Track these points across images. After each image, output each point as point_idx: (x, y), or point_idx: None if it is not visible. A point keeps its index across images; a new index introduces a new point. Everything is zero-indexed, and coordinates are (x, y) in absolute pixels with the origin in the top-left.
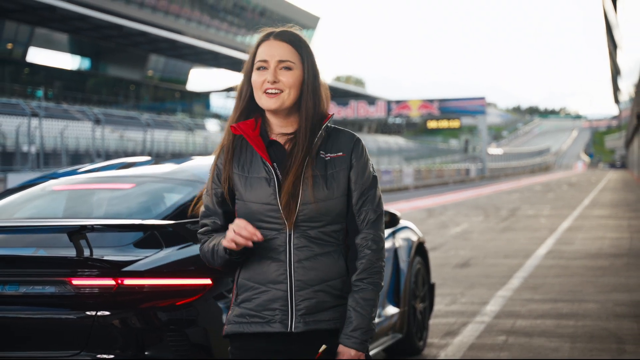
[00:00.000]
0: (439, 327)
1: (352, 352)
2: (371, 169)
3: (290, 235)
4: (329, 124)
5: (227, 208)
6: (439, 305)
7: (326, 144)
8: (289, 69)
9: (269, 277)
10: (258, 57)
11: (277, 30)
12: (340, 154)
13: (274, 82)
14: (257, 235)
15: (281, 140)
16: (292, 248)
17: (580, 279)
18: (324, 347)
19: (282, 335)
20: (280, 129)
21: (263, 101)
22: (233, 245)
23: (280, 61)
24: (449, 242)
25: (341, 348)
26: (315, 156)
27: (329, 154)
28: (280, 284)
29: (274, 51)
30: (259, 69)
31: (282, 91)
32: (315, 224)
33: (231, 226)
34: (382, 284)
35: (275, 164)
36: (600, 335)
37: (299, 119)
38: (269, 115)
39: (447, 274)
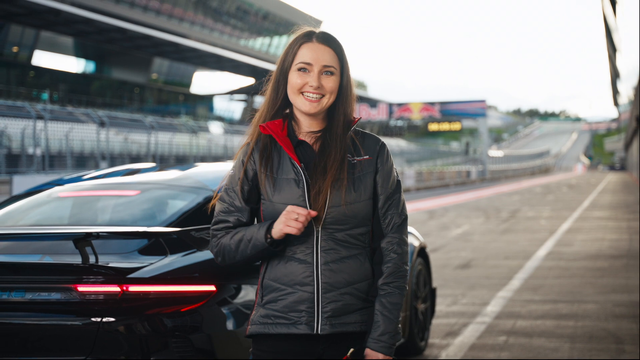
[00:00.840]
0: (440, 327)
1: (380, 356)
2: (395, 174)
3: (317, 237)
4: (355, 127)
5: (254, 205)
6: (440, 305)
7: (353, 147)
8: (331, 74)
9: (295, 278)
10: (300, 59)
11: (317, 31)
12: (367, 157)
13: (318, 87)
14: (311, 213)
15: (308, 139)
16: (319, 250)
17: (579, 280)
18: (351, 350)
19: (307, 337)
20: (308, 128)
21: (300, 103)
22: (294, 231)
23: (325, 66)
24: (450, 244)
25: (369, 352)
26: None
27: (355, 157)
28: (307, 285)
29: (319, 55)
30: (300, 70)
31: (323, 96)
32: (342, 227)
33: (284, 215)
34: (407, 287)
35: (303, 164)
36: (600, 336)
37: (333, 122)
38: (299, 115)
39: (448, 275)
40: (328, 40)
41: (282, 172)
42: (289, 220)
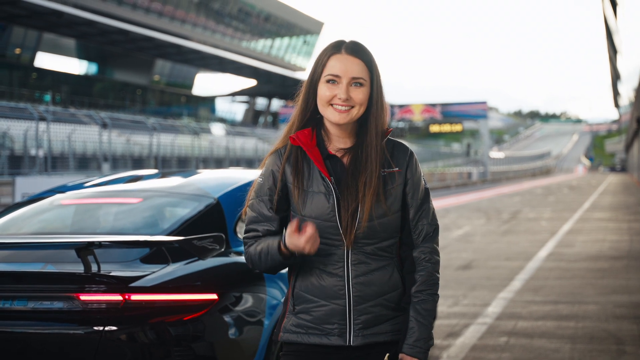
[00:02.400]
0: (442, 328)
1: None
2: (424, 182)
3: (347, 251)
4: (389, 137)
5: (283, 213)
6: (442, 307)
7: (384, 159)
8: (360, 85)
9: (327, 291)
10: (329, 71)
11: (347, 42)
12: (397, 169)
13: (346, 99)
14: (314, 246)
15: (339, 154)
16: (349, 264)
17: (580, 281)
18: (387, 355)
19: (340, 347)
20: (339, 142)
21: (329, 114)
22: (311, 250)
23: (354, 78)
24: (452, 245)
25: (404, 357)
26: None
27: (386, 170)
28: (339, 299)
29: (348, 67)
30: (329, 81)
31: (352, 107)
32: (372, 241)
33: (293, 242)
34: (439, 294)
35: (332, 178)
36: (600, 337)
37: (367, 135)
38: (330, 127)
39: (449, 276)
40: (357, 51)
41: (312, 186)
42: (301, 245)
